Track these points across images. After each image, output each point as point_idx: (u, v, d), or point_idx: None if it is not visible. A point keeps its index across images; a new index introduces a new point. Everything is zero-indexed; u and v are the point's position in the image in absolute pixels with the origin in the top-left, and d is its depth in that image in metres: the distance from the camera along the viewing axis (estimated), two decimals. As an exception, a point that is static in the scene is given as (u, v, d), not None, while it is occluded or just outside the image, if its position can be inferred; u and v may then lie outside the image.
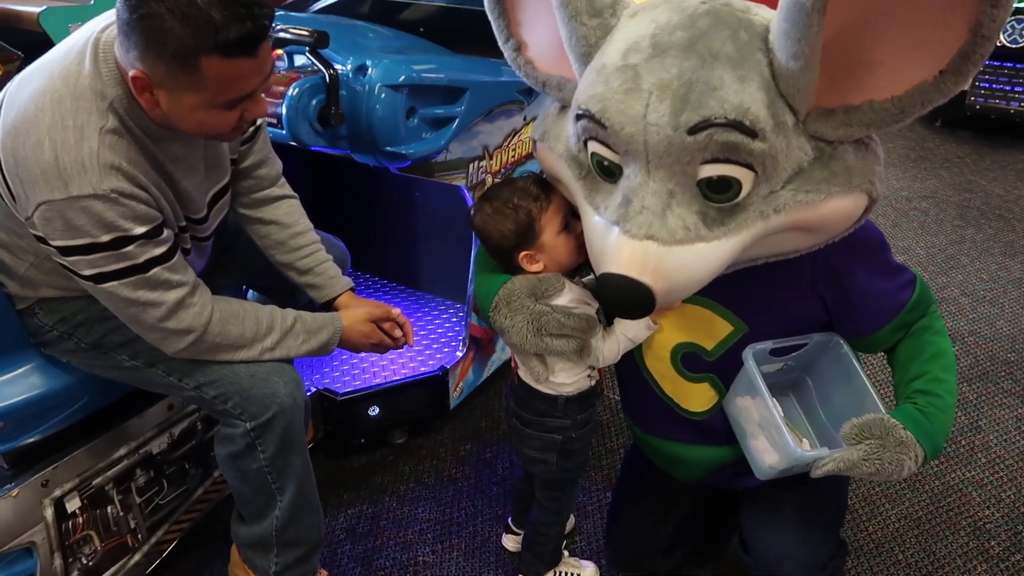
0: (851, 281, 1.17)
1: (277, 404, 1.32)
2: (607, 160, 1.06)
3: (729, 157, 0.96)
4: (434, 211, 2.11)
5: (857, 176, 1.01)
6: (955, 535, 1.75)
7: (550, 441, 1.42)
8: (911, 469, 1.08)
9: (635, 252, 1.00)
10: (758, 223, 1.01)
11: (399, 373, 1.97)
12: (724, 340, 1.25)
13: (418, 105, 1.59)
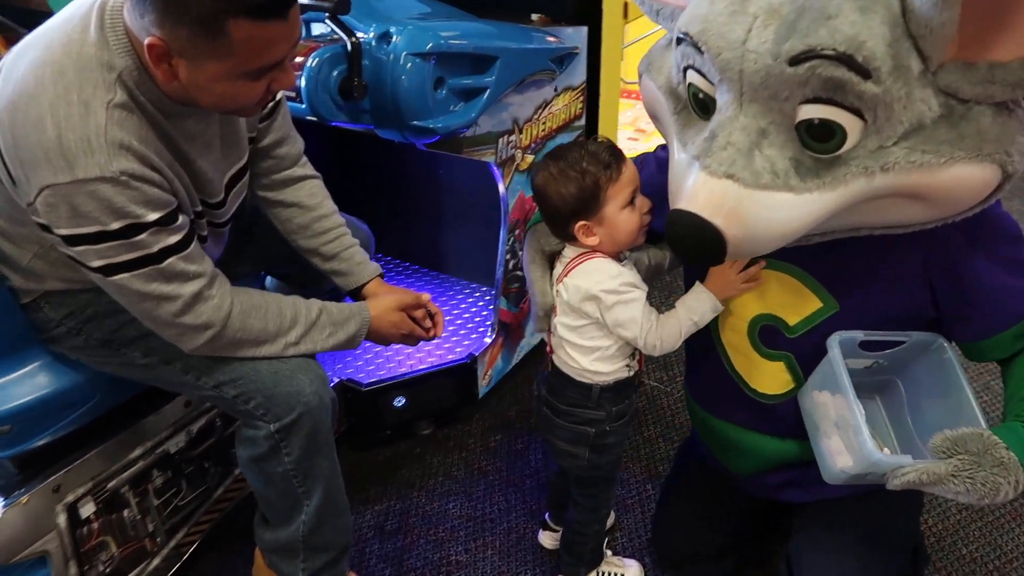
0: (972, 272, 1.03)
1: (303, 404, 1.22)
2: (702, 92, 0.97)
3: (834, 98, 0.85)
4: (461, 189, 1.99)
5: (990, 143, 0.87)
6: (1021, 527, 1.65)
7: (582, 434, 1.32)
8: (1007, 496, 0.92)
9: (711, 190, 0.91)
10: (860, 180, 0.89)
11: (425, 362, 1.87)
12: (809, 317, 1.13)
13: (446, 75, 1.47)
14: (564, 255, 1.28)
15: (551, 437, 1.37)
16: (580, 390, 1.29)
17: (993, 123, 0.87)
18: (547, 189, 1.19)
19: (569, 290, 1.24)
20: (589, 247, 1.23)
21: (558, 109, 1.88)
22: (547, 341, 1.35)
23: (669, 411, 2.00)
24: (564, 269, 1.26)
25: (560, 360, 1.31)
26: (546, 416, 1.36)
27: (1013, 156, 0.88)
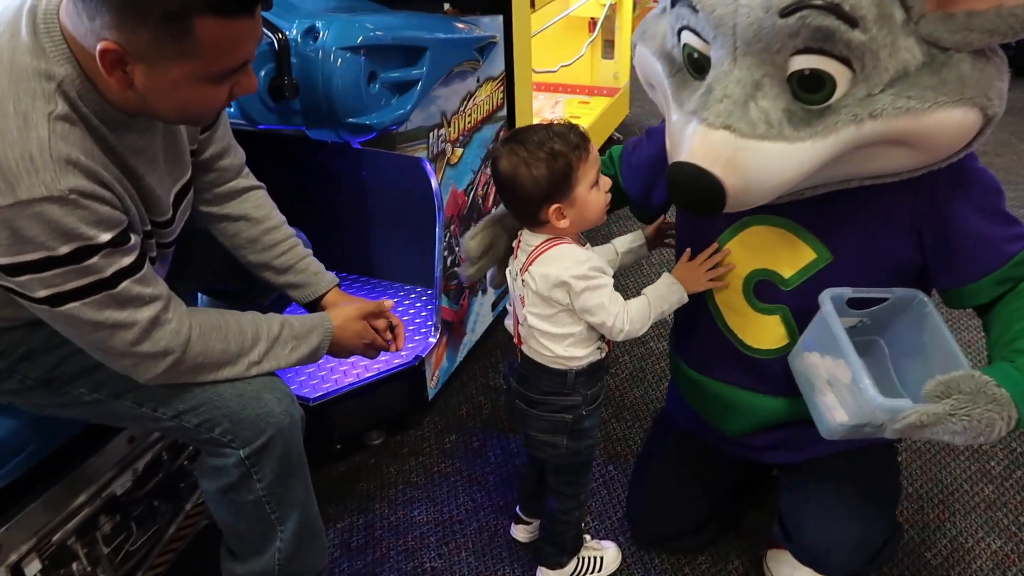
0: (956, 220, 1.08)
1: (273, 425, 1.15)
2: (697, 51, 1.02)
3: (823, 47, 0.90)
4: (391, 189, 1.93)
5: (971, 88, 0.92)
6: (956, 461, 1.76)
7: (559, 422, 1.31)
8: (1001, 432, 0.96)
9: (709, 140, 0.95)
10: (850, 127, 0.94)
11: (371, 369, 1.81)
12: (805, 268, 1.16)
13: (378, 69, 1.43)
14: (526, 243, 1.25)
15: (527, 429, 1.35)
16: (555, 377, 1.28)
17: (972, 69, 0.92)
18: (518, 174, 1.16)
19: (537, 279, 1.21)
20: (558, 231, 1.21)
21: (481, 100, 1.86)
22: (513, 332, 1.33)
23: (618, 392, 2.02)
24: (528, 258, 1.23)
25: (531, 350, 1.29)
26: (520, 409, 1.34)
27: (992, 99, 0.94)
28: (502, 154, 1.19)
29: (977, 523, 1.61)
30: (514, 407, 1.36)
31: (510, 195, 1.21)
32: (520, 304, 1.27)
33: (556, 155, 1.15)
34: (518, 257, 1.27)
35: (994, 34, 0.90)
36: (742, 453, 1.39)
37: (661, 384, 2.04)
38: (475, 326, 2.08)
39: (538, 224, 1.21)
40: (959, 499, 1.67)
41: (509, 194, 1.21)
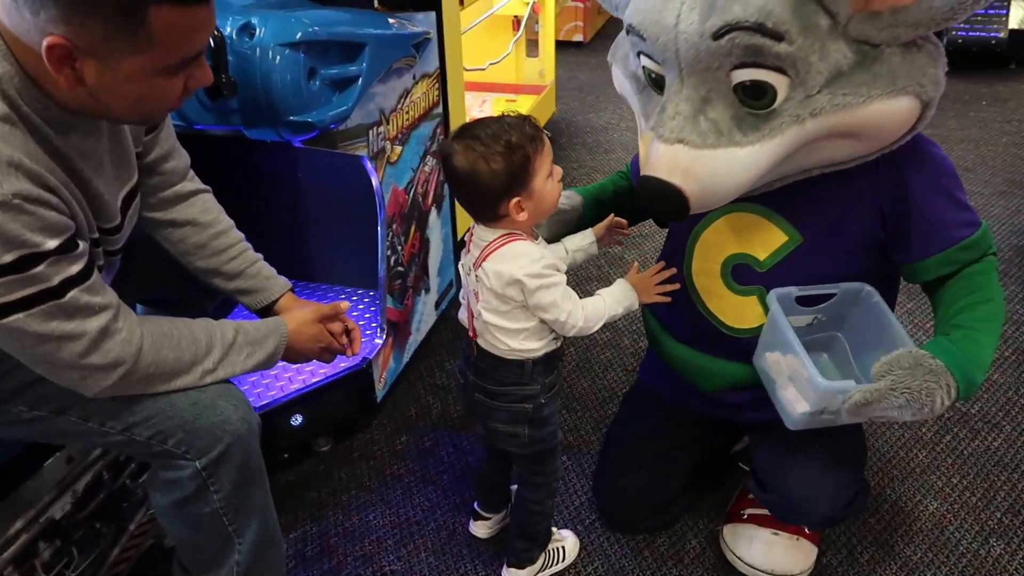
0: (915, 199, 1.15)
1: (230, 433, 1.11)
2: (654, 72, 1.13)
3: (757, 61, 0.99)
4: (332, 188, 1.89)
5: (903, 78, 1.00)
6: (891, 429, 1.85)
7: (520, 412, 1.31)
8: (943, 402, 1.04)
9: (667, 154, 1.05)
10: (793, 127, 1.02)
11: (317, 374, 1.77)
12: (778, 250, 1.23)
13: (318, 65, 1.39)
14: (479, 238, 1.24)
15: (488, 422, 1.35)
16: (513, 368, 1.28)
17: (903, 60, 1.00)
18: (477, 169, 1.14)
19: (490, 276, 1.21)
20: (515, 225, 1.21)
21: (418, 97, 1.85)
22: (468, 326, 1.32)
23: (565, 383, 2.03)
24: (482, 254, 1.22)
25: (488, 343, 1.28)
26: (480, 402, 1.33)
27: (926, 85, 1.01)
28: (456, 150, 1.16)
29: (914, 487, 1.69)
30: (473, 400, 1.35)
31: (467, 191, 1.19)
32: (475, 299, 1.26)
33: (513, 148, 1.14)
34: (471, 252, 1.26)
35: (919, 26, 0.96)
36: (720, 413, 1.43)
37: (608, 374, 2.06)
38: (420, 325, 2.06)
39: (495, 219, 1.21)
40: (896, 465, 1.75)
41: (466, 190, 1.19)
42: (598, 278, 2.48)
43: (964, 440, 1.81)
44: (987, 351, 1.11)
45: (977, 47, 3.94)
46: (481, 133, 1.15)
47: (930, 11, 0.94)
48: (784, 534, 1.45)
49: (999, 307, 1.16)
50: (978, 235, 1.17)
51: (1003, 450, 1.78)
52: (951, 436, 1.82)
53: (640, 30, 1.08)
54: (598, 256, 2.51)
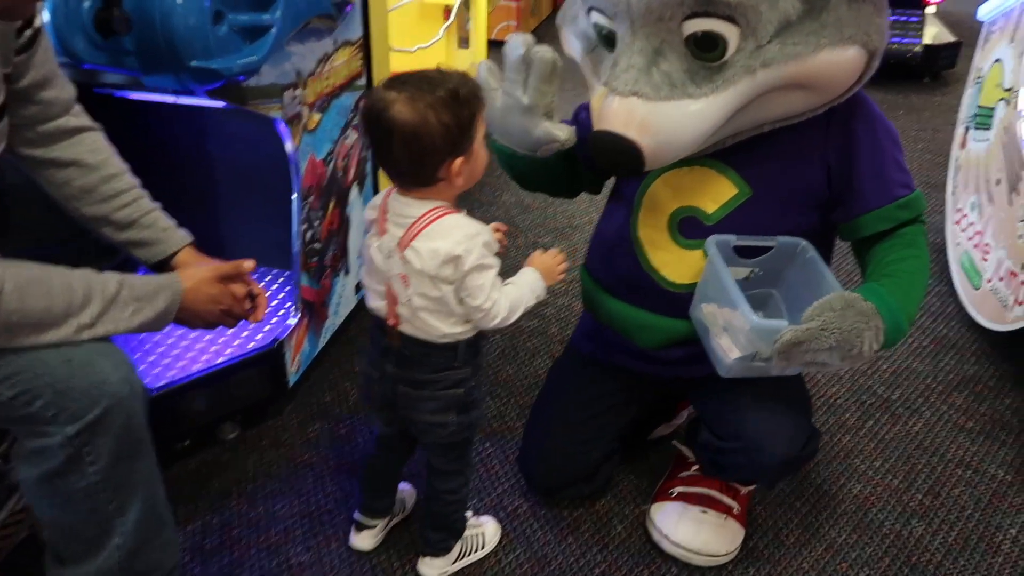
0: (861, 155, 1.17)
1: (109, 395, 0.99)
2: (605, 28, 1.11)
3: (708, 10, 0.99)
4: (241, 154, 1.76)
5: (849, 27, 1.01)
6: (816, 414, 1.83)
7: (452, 398, 1.23)
8: (872, 344, 1.05)
9: (621, 107, 1.03)
10: (746, 78, 1.02)
11: (223, 354, 1.65)
12: (727, 203, 1.22)
13: (225, 9, 1.29)
14: (399, 214, 1.13)
15: (412, 414, 1.26)
16: (445, 353, 1.20)
17: (849, 10, 1.02)
18: (426, 120, 1.03)
19: (423, 255, 1.10)
20: (448, 193, 1.13)
21: (339, 64, 1.75)
22: (387, 314, 1.20)
23: (490, 370, 1.95)
24: (408, 232, 1.12)
25: (416, 329, 1.18)
26: (405, 394, 1.24)
27: (872, 35, 1.03)
28: (395, 100, 1.04)
29: (838, 471, 1.68)
30: (396, 394, 1.24)
31: (406, 149, 1.06)
32: (402, 283, 1.15)
33: (461, 100, 1.05)
34: (388, 231, 1.15)
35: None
36: (657, 370, 1.40)
37: (534, 361, 2.00)
38: (338, 308, 1.95)
39: (429, 183, 1.10)
40: (821, 449, 1.73)
41: (405, 147, 1.06)
42: (526, 267, 2.42)
43: (886, 425, 1.81)
44: (914, 302, 1.14)
45: (894, 60, 4.09)
46: (423, 83, 1.05)
47: None
48: (713, 512, 1.41)
49: (926, 265, 1.21)
50: (914, 196, 1.21)
51: (923, 434, 1.79)
52: (873, 421, 1.82)
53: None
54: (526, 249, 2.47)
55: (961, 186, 2.44)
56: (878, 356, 2.04)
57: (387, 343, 1.22)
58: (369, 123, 1.09)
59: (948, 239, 2.45)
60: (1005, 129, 2.13)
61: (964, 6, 5.47)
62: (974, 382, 1.96)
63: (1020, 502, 1.61)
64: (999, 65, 2.28)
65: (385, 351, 1.23)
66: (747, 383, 1.26)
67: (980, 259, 2.12)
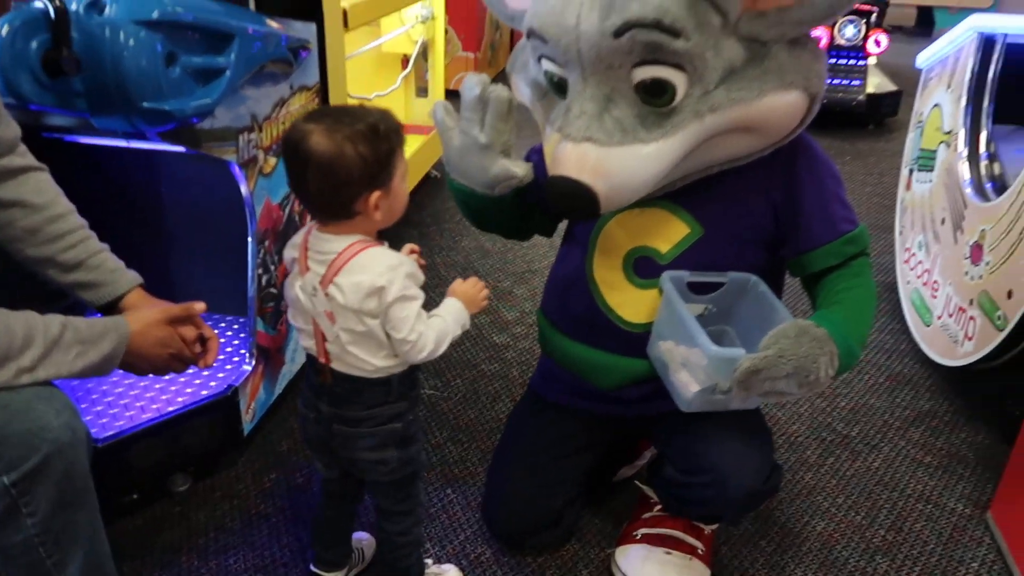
0: (804, 194, 1.21)
1: (49, 442, 0.95)
2: (556, 75, 1.13)
3: (656, 58, 1.02)
4: (196, 198, 1.74)
5: (790, 73, 1.06)
6: (777, 452, 1.84)
7: (390, 433, 1.21)
8: (827, 370, 1.07)
9: (574, 153, 1.05)
10: (695, 123, 1.05)
11: (175, 402, 1.60)
12: (680, 243, 1.24)
13: (178, 51, 1.28)
14: (319, 251, 1.12)
15: (351, 453, 1.22)
16: (379, 388, 1.18)
17: (790, 56, 1.06)
18: (343, 152, 1.03)
19: (346, 291, 1.09)
20: (368, 227, 1.12)
21: (295, 109, 1.75)
22: (318, 352, 1.18)
23: (451, 415, 1.93)
24: (330, 269, 1.10)
25: (347, 366, 1.16)
26: (341, 433, 1.21)
27: (811, 80, 1.08)
28: (312, 131, 1.05)
29: (802, 508, 1.67)
30: (332, 434, 1.22)
31: (323, 180, 1.06)
32: (327, 321, 1.13)
33: (381, 134, 1.06)
34: (311, 269, 1.13)
35: (803, 24, 1.03)
36: (617, 411, 1.40)
37: (496, 405, 1.97)
38: (294, 355, 1.91)
39: (347, 217, 1.10)
40: (783, 488, 1.73)
41: (321, 178, 1.05)
42: (484, 311, 2.40)
43: (846, 462, 1.82)
44: (864, 327, 1.18)
45: (840, 109, 4.25)
46: (343, 115, 1.06)
47: (812, 9, 1.00)
48: (677, 553, 1.40)
49: (873, 294, 1.24)
50: (858, 231, 1.24)
51: (883, 470, 1.80)
52: (834, 458, 1.83)
53: (542, 32, 1.09)
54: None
55: (908, 226, 2.51)
56: (836, 393, 2.06)
57: (320, 381, 1.20)
58: (287, 153, 1.09)
59: (899, 278, 2.51)
60: (947, 170, 2.21)
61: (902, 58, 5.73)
62: (930, 417, 1.99)
63: (980, 535, 1.62)
64: (938, 110, 2.38)
65: (318, 390, 1.21)
66: (709, 418, 1.26)
67: (930, 296, 2.17)
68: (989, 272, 1.81)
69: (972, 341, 1.85)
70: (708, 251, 1.24)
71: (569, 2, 1.04)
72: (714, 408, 1.19)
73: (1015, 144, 2.09)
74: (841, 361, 1.09)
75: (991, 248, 1.82)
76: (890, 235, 2.78)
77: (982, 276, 1.84)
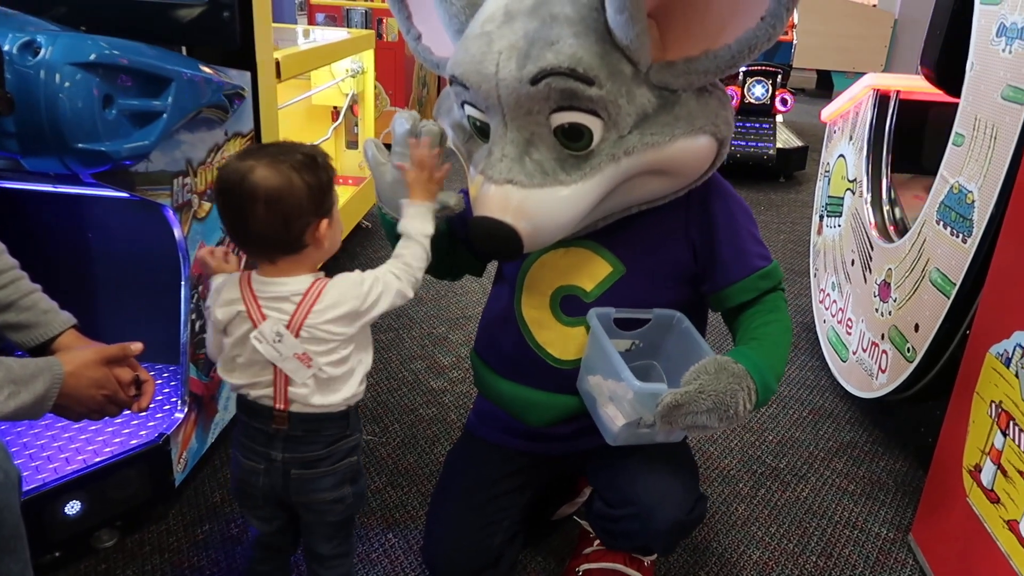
0: (720, 231, 1.25)
1: None
2: (478, 120, 1.17)
3: (572, 104, 1.07)
4: (128, 243, 1.70)
5: (700, 119, 1.12)
6: (711, 486, 1.89)
7: (347, 469, 1.21)
8: (746, 404, 1.12)
9: (497, 194, 1.09)
10: (611, 166, 1.10)
11: (102, 452, 1.54)
12: (603, 281, 1.28)
13: (115, 93, 1.28)
14: (277, 295, 1.10)
15: (306, 498, 1.20)
16: (339, 422, 1.18)
17: (698, 104, 1.13)
18: (290, 182, 1.05)
19: (332, 328, 1.10)
20: (313, 260, 1.13)
21: (230, 155, 1.75)
22: (276, 398, 1.14)
23: (390, 459, 1.91)
24: (297, 312, 1.09)
25: (311, 405, 1.14)
26: (298, 478, 1.18)
27: (719, 125, 1.15)
28: (255, 166, 1.04)
29: (737, 538, 1.72)
30: (288, 481, 1.18)
31: (271, 214, 1.04)
32: (299, 363, 1.10)
33: (319, 164, 1.09)
34: (266, 317, 1.10)
35: (708, 73, 1.10)
36: (548, 448, 1.42)
37: (434, 448, 1.97)
38: (228, 403, 1.87)
39: (295, 250, 1.09)
40: (719, 520, 1.77)
41: (273, 212, 1.04)
42: (420, 356, 2.41)
43: (776, 492, 1.89)
44: (780, 362, 1.22)
45: (752, 162, 4.50)
46: (277, 150, 1.08)
47: (716, 60, 1.07)
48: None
49: (788, 328, 1.28)
50: (772, 267, 1.29)
51: (812, 499, 1.87)
52: (765, 489, 1.89)
53: (463, 79, 1.12)
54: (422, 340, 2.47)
55: (822, 268, 2.66)
56: (764, 427, 2.14)
57: (272, 429, 1.16)
58: (225, 195, 1.07)
59: (816, 317, 2.64)
60: (853, 215, 2.36)
61: (806, 117, 6.15)
62: (852, 447, 2.08)
63: (903, 556, 1.69)
64: (843, 160, 2.55)
65: (269, 438, 1.17)
66: (635, 452, 1.30)
67: (845, 333, 2.30)
68: (897, 308, 1.94)
69: (886, 373, 1.96)
70: (631, 289, 1.28)
71: (488, 51, 1.09)
72: (640, 441, 1.22)
73: (912, 190, 2.26)
74: (758, 396, 1.13)
75: (897, 285, 1.95)
76: (805, 279, 2.93)
77: (891, 312, 1.97)
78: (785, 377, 2.42)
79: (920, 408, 1.99)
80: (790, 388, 2.37)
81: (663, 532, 1.31)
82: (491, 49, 1.09)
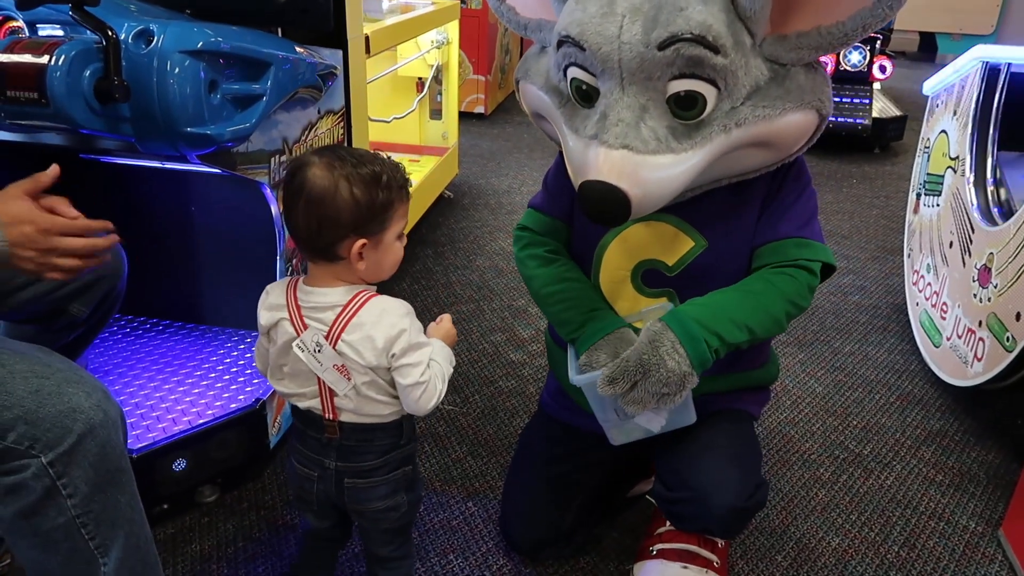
0: (782, 200, 1.27)
1: (82, 422, 0.99)
2: (585, 84, 1.14)
3: (694, 72, 1.06)
4: (228, 218, 1.79)
5: (808, 94, 1.12)
6: (790, 470, 1.87)
7: (402, 478, 1.23)
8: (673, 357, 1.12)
9: (613, 160, 1.08)
10: (721, 136, 1.10)
11: (204, 415, 1.64)
12: (685, 256, 1.29)
13: (219, 79, 1.34)
14: (315, 303, 1.09)
15: (360, 506, 1.22)
16: (392, 432, 1.18)
17: (807, 78, 1.12)
18: (337, 188, 1.03)
19: (359, 348, 1.08)
20: (350, 276, 1.10)
21: (323, 132, 1.81)
22: (324, 408, 1.15)
23: (471, 429, 1.97)
24: (336, 323, 1.08)
25: (363, 415, 1.15)
26: (353, 487, 1.19)
27: (824, 101, 1.14)
28: (313, 163, 1.04)
29: (816, 524, 1.71)
30: (343, 489, 1.20)
31: (311, 213, 1.05)
32: (338, 375, 1.10)
33: (382, 184, 1.06)
34: (308, 326, 1.10)
35: (819, 49, 1.09)
36: None
37: (513, 420, 2.01)
38: (318, 370, 1.95)
39: (329, 259, 1.08)
40: (798, 504, 1.76)
41: (310, 212, 1.05)
42: (501, 328, 2.45)
43: (859, 479, 1.85)
44: (721, 313, 1.18)
45: (846, 132, 4.31)
46: (350, 155, 1.07)
47: (828, 36, 1.07)
48: (694, 568, 1.42)
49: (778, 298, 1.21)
50: (817, 245, 1.26)
51: (896, 487, 1.83)
52: (847, 476, 1.86)
53: (580, 40, 1.09)
54: (501, 311, 2.51)
55: (917, 249, 2.55)
56: (848, 412, 2.10)
57: (325, 439, 1.17)
58: (286, 180, 1.09)
59: (908, 299, 2.55)
60: (954, 195, 2.25)
61: (907, 83, 5.82)
62: (941, 436, 2.02)
63: (992, 552, 1.64)
64: (944, 136, 2.43)
65: (323, 447, 1.18)
66: (698, 435, 1.31)
67: (939, 318, 2.21)
68: (997, 294, 1.85)
69: (982, 362, 1.89)
70: (711, 262, 1.29)
71: (609, 13, 1.07)
72: (636, 438, 1.27)
73: (1020, 170, 2.14)
74: (686, 347, 1.13)
75: (999, 271, 1.86)
76: (898, 257, 2.82)
77: (990, 298, 1.89)
78: (872, 361, 2.36)
79: (1017, 399, 1.91)
80: (877, 372, 2.30)
81: (719, 517, 1.31)
82: (613, 11, 1.06)
